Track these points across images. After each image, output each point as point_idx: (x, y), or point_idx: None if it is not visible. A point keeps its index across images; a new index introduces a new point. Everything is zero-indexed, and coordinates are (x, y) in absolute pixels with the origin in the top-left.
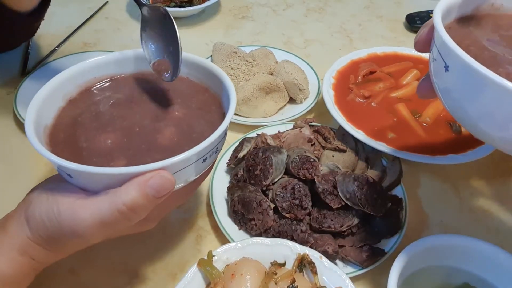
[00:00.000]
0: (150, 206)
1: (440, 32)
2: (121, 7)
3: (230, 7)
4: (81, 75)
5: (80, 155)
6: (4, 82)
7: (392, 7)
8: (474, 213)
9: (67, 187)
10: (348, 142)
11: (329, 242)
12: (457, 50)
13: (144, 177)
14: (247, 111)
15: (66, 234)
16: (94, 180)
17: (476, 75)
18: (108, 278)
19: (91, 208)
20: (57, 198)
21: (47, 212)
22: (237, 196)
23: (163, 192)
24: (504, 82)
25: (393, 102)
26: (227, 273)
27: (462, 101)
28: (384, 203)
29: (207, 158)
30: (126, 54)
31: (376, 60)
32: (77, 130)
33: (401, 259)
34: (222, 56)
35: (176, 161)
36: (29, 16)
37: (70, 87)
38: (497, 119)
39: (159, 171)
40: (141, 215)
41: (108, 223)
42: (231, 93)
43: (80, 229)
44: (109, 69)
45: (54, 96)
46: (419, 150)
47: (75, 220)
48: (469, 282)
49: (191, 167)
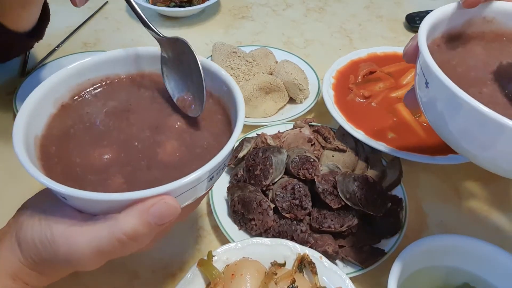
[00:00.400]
0: (152, 234)
1: (423, 51)
2: (121, 7)
3: (230, 7)
4: (74, 77)
5: (74, 172)
6: (4, 82)
7: (392, 7)
8: (474, 213)
9: (60, 207)
10: (348, 142)
11: (329, 242)
12: (436, 71)
13: (146, 204)
14: (247, 111)
15: (60, 261)
16: (91, 205)
17: (453, 96)
18: (108, 278)
19: (88, 235)
20: (50, 222)
21: (39, 237)
22: (237, 196)
23: (166, 220)
24: (477, 105)
25: (393, 102)
26: (227, 273)
27: (441, 117)
28: (384, 203)
29: (213, 176)
30: (121, 53)
31: (376, 60)
32: (70, 143)
33: (401, 259)
34: (222, 56)
35: (181, 184)
36: (28, 36)
37: (62, 91)
38: (476, 139)
39: (162, 196)
40: (142, 244)
41: (107, 252)
42: (239, 99)
43: (76, 257)
44: (104, 70)
45: (45, 101)
46: (419, 150)
47: (71, 247)
48: (469, 282)
49: (197, 188)
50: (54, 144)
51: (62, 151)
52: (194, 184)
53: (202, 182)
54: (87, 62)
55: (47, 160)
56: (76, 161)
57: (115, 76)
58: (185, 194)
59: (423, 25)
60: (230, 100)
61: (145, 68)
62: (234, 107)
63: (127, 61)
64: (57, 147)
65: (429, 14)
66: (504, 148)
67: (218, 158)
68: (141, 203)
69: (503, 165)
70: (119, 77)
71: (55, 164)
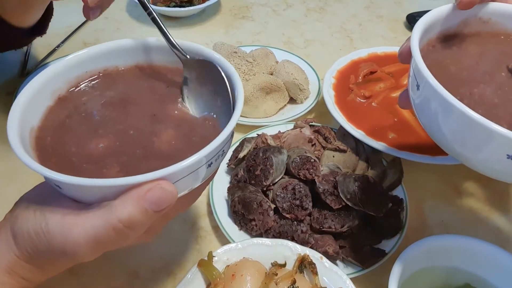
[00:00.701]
0: (149, 221)
1: (414, 55)
2: (121, 7)
3: (230, 7)
4: (71, 69)
5: (70, 162)
6: (4, 82)
7: (392, 7)
8: (474, 214)
9: (56, 198)
10: (348, 142)
11: (329, 242)
12: (426, 74)
13: (141, 190)
14: (248, 111)
15: (56, 253)
16: (85, 192)
17: (442, 100)
18: (108, 278)
19: (83, 225)
20: (45, 213)
21: (35, 229)
22: (238, 196)
23: (163, 206)
24: (466, 110)
25: (393, 102)
26: (227, 274)
27: (433, 120)
28: (384, 204)
29: (212, 162)
30: (120, 44)
31: (377, 60)
32: (66, 133)
33: (401, 260)
34: (222, 56)
35: (177, 169)
36: (30, 31)
37: (59, 83)
38: (467, 142)
39: (158, 181)
40: (139, 232)
41: (103, 241)
42: (239, 89)
43: (72, 248)
44: (102, 62)
45: (42, 93)
46: (420, 150)
47: (66, 238)
48: (470, 283)
49: (195, 174)
50: (49, 135)
51: (57, 141)
52: (191, 169)
53: (200, 168)
54: (84, 54)
55: (42, 150)
56: (71, 150)
57: (114, 67)
58: (182, 180)
59: (416, 28)
60: (230, 87)
61: (144, 59)
62: (234, 94)
63: (127, 52)
64: (52, 138)
65: (422, 17)
66: (494, 151)
67: (215, 143)
68: (136, 189)
69: (495, 167)
70: (118, 68)
71: (50, 154)
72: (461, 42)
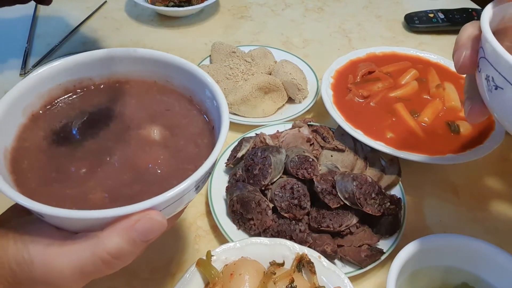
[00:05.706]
0: (137, 251)
1: (499, 51)
2: (120, 7)
3: (229, 7)
4: (42, 83)
5: (50, 187)
6: (3, 82)
7: (390, 7)
8: (472, 213)
9: (37, 224)
10: (346, 142)
11: (327, 242)
12: None
13: (130, 221)
14: (246, 111)
15: (38, 283)
16: (71, 223)
17: None
18: (107, 278)
19: (69, 256)
20: (27, 243)
21: (16, 259)
22: (236, 196)
23: (152, 236)
24: None
25: (391, 102)
26: (226, 273)
27: None
28: (382, 203)
29: (199, 186)
30: (93, 55)
31: (375, 60)
32: (43, 156)
33: (399, 259)
34: (221, 56)
35: (166, 198)
36: None
37: (31, 98)
38: None
39: (147, 211)
40: (127, 262)
41: (90, 272)
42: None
43: (57, 281)
44: (75, 74)
45: (12, 110)
46: (418, 150)
47: (51, 271)
48: (467, 282)
49: (183, 199)
50: (26, 158)
51: (36, 165)
52: (180, 196)
53: (189, 193)
54: (55, 67)
55: (20, 174)
56: (51, 176)
57: (89, 79)
58: (171, 207)
59: (485, 22)
60: (213, 105)
61: (119, 71)
62: (217, 114)
63: (102, 63)
64: (29, 161)
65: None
66: None
67: (203, 169)
68: (124, 220)
69: None
70: (93, 81)
71: (29, 179)
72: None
